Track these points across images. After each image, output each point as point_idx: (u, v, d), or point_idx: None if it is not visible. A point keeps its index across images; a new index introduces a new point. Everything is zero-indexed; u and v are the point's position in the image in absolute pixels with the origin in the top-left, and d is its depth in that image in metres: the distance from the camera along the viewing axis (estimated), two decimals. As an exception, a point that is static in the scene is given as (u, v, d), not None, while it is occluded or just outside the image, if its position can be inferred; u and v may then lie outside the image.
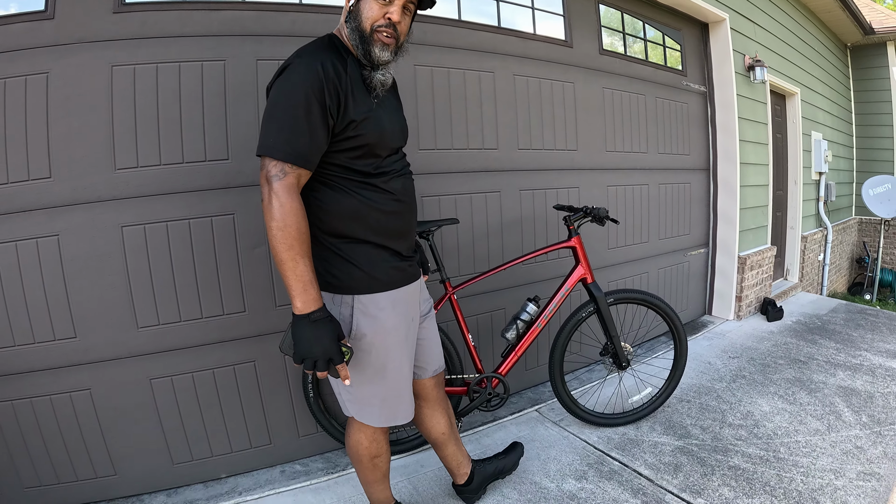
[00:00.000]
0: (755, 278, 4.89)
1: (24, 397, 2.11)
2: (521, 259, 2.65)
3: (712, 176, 4.69)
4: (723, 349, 4.05)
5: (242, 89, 2.31)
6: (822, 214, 6.78)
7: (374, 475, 1.88)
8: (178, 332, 2.28)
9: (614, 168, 3.80)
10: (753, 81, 4.76)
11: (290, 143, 1.40)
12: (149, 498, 2.32)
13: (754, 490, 2.27)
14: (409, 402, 1.78)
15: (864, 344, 4.08)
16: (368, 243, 1.60)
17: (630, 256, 4.01)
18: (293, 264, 1.40)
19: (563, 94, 3.41)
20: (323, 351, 1.43)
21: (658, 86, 4.11)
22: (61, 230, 2.08)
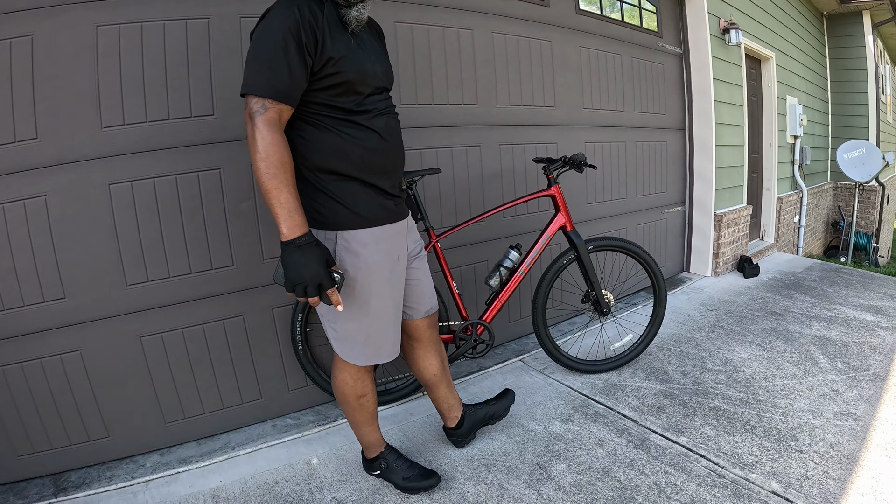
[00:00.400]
0: (731, 236, 5.00)
1: (14, 362, 2.10)
2: (502, 207, 2.69)
3: (688, 135, 4.76)
4: (701, 302, 4.16)
5: (227, 45, 2.30)
6: (798, 177, 6.90)
7: (361, 415, 1.94)
8: (166, 289, 2.29)
9: (592, 125, 3.85)
10: (728, 44, 4.82)
11: (270, 80, 1.44)
12: (142, 458, 2.33)
13: (735, 428, 2.36)
14: (394, 342, 1.82)
15: (839, 299, 4.19)
16: (352, 180, 1.63)
17: (608, 212, 4.08)
18: (276, 192, 1.45)
19: (540, 53, 3.44)
20: (311, 275, 1.47)
21: (634, 46, 4.16)
22: (48, 191, 2.06)
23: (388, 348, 1.81)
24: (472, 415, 2.27)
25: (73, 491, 2.11)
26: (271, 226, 2.45)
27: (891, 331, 3.43)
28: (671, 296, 4.33)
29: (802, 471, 2.05)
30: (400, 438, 2.39)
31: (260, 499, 2.03)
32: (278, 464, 2.25)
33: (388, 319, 1.77)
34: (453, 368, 2.96)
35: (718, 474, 2.05)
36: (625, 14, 4.14)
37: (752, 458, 2.14)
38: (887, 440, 2.23)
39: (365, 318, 1.72)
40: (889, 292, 4.33)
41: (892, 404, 2.51)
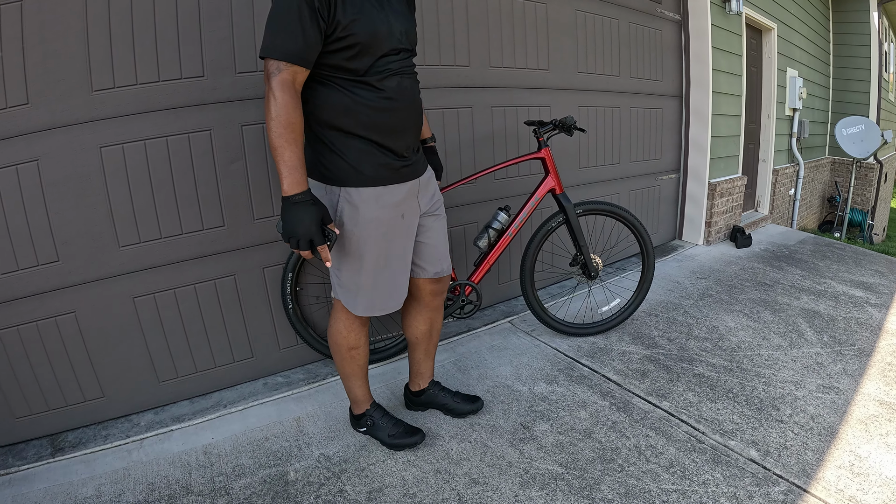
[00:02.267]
0: (725, 206, 5.02)
1: (9, 326, 2.12)
2: (492, 168, 2.71)
3: (685, 103, 4.74)
4: (691, 270, 4.19)
5: (216, 6, 2.27)
6: (795, 150, 6.88)
7: (350, 368, 1.99)
8: (159, 250, 2.31)
9: (586, 89, 3.83)
10: (729, 13, 4.75)
11: (285, 43, 1.50)
12: (137, 417, 2.38)
13: (717, 396, 2.41)
14: (390, 297, 1.88)
15: (830, 273, 4.21)
16: (358, 138, 1.69)
17: (601, 177, 4.09)
18: (281, 150, 1.52)
19: (535, 14, 3.40)
20: (304, 231, 1.56)
21: (632, 11, 4.11)
22: (41, 155, 2.06)
23: (384, 303, 1.87)
24: (435, 394, 2.31)
25: (70, 450, 2.16)
26: (261, 186, 2.47)
27: (879, 308, 3.45)
28: (662, 263, 4.37)
29: (782, 440, 2.10)
30: (387, 396, 2.45)
31: (250, 455, 2.09)
32: (268, 420, 2.30)
33: (385, 276, 1.83)
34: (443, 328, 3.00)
35: (698, 440, 2.11)
36: (623, -21, 4.08)
37: (733, 426, 2.19)
38: (868, 415, 2.27)
39: (360, 271, 1.79)
40: (880, 270, 4.34)
41: (876, 380, 2.54)
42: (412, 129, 1.82)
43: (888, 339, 2.97)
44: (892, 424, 2.20)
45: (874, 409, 2.31)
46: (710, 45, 4.51)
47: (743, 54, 5.14)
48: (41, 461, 2.11)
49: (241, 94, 2.36)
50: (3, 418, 2.18)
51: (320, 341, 2.64)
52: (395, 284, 1.87)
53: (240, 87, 2.35)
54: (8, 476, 2.03)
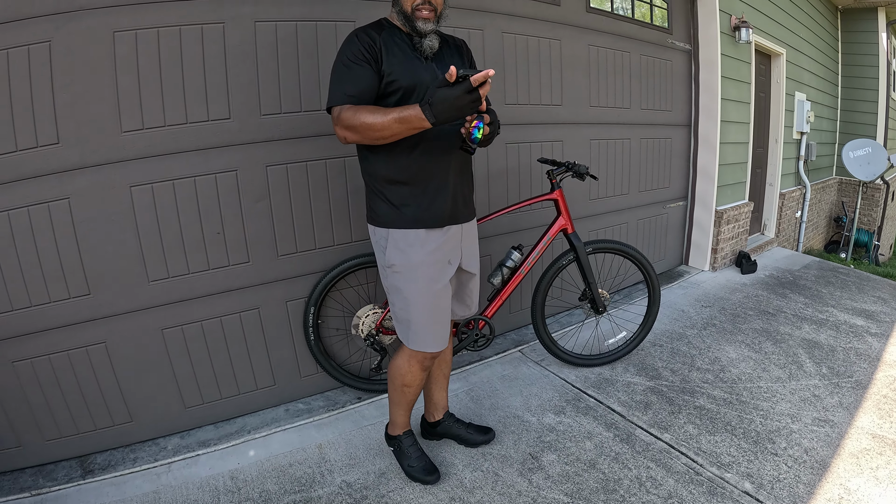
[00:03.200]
0: (731, 232, 5.10)
1: (42, 354, 2.23)
2: (506, 210, 2.82)
3: (693, 132, 4.82)
4: (696, 298, 4.28)
5: (242, 49, 2.38)
6: (802, 173, 6.95)
7: (398, 398, 2.16)
8: (187, 284, 2.43)
9: (597, 123, 3.92)
10: (738, 42, 4.83)
11: (339, 91, 1.78)
12: (164, 441, 2.49)
13: (716, 428, 2.50)
14: (437, 336, 2.00)
15: (833, 300, 4.27)
16: (402, 184, 1.87)
17: (611, 207, 4.18)
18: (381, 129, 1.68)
19: (549, 51, 3.50)
20: (453, 103, 1.55)
21: (643, 43, 4.20)
22: (72, 193, 2.17)
23: (432, 341, 1.99)
24: (450, 426, 2.43)
25: (100, 472, 2.28)
26: (285, 224, 2.59)
27: (879, 337, 3.52)
28: (668, 290, 4.45)
29: (775, 473, 2.19)
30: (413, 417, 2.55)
31: (275, 480, 2.21)
32: (291, 447, 2.42)
33: (429, 315, 1.96)
34: (455, 358, 3.09)
35: (696, 472, 2.20)
36: (635, 11, 4.18)
37: (730, 458, 2.28)
38: (860, 448, 2.35)
39: (407, 309, 1.95)
40: (883, 296, 4.41)
41: (870, 413, 2.62)
42: (456, 175, 1.97)
43: (885, 371, 3.05)
44: (882, 458, 2.29)
45: (867, 442, 2.40)
46: (720, 74, 4.59)
47: (752, 82, 5.22)
48: (72, 482, 2.22)
49: (266, 136, 2.48)
50: (34, 440, 2.30)
51: (340, 370, 2.77)
52: (439, 325, 2.00)
53: (265, 128, 2.47)
54: (40, 496, 2.15)
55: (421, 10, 1.82)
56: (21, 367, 2.21)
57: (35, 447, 2.31)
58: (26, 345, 2.20)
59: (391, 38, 1.85)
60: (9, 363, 2.18)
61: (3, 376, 2.19)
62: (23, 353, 2.20)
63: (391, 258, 1.91)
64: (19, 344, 2.19)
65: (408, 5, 1.83)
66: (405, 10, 1.84)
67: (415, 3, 1.82)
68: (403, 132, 1.67)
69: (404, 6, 1.84)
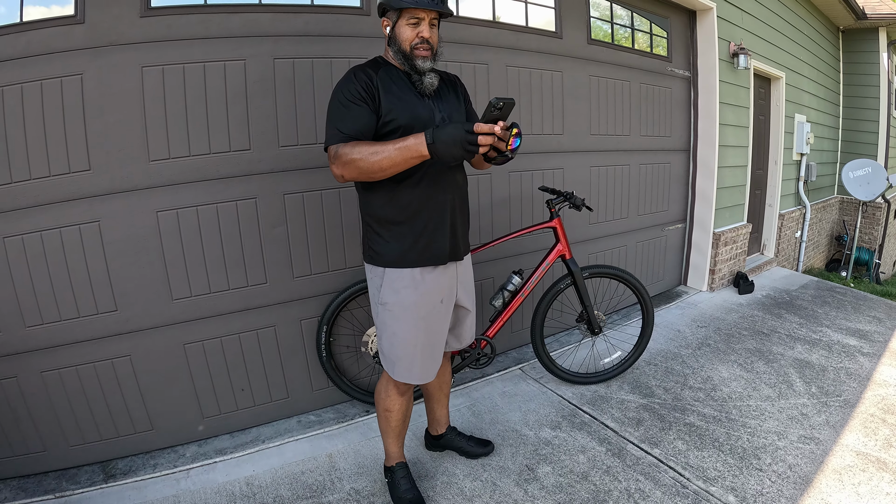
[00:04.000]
0: (729, 253, 5.23)
1: (70, 366, 2.39)
2: (507, 237, 2.99)
3: (692, 156, 4.97)
4: (693, 318, 4.40)
5: (262, 85, 2.57)
6: (802, 193, 7.07)
7: (383, 425, 2.22)
8: (208, 303, 2.60)
9: (597, 150, 4.08)
10: (737, 68, 4.98)
11: (337, 130, 1.80)
12: (182, 449, 2.65)
13: (704, 444, 2.63)
14: (425, 369, 2.05)
15: (827, 320, 4.38)
16: (399, 223, 1.92)
17: (610, 231, 4.33)
18: (378, 161, 1.70)
19: (551, 83, 3.67)
20: (462, 137, 1.61)
21: (643, 72, 4.37)
22: (102, 216, 2.35)
23: (419, 374, 2.04)
24: (452, 439, 2.57)
25: (122, 477, 2.43)
26: (301, 248, 2.77)
27: (870, 357, 3.62)
28: (666, 310, 4.59)
29: (759, 488, 2.32)
30: (409, 437, 2.69)
31: (288, 487, 2.36)
32: (303, 456, 2.58)
33: (414, 352, 2.01)
34: (458, 375, 3.26)
35: (682, 485, 2.34)
36: (636, 40, 4.35)
37: (715, 473, 2.42)
38: (843, 465, 2.46)
39: (392, 343, 2.01)
40: (878, 316, 4.51)
41: (856, 431, 2.73)
42: (456, 213, 2.02)
43: (874, 390, 3.15)
44: (865, 474, 2.40)
45: (850, 459, 2.51)
46: (718, 100, 4.75)
47: (751, 106, 5.37)
48: (94, 486, 2.38)
49: (284, 166, 2.66)
50: (58, 445, 2.46)
51: (349, 385, 2.93)
52: (429, 358, 2.05)
53: (283, 159, 2.66)
54: (63, 499, 2.30)
55: (419, 49, 1.87)
56: (49, 376, 2.37)
57: (59, 452, 2.46)
58: (55, 356, 2.37)
59: (388, 76, 1.89)
60: (37, 373, 2.35)
61: (32, 385, 2.36)
62: (51, 364, 2.37)
63: (385, 297, 1.96)
64: (48, 355, 2.36)
65: (406, 45, 1.88)
66: (403, 49, 1.88)
67: (413, 43, 1.87)
68: (401, 162, 1.69)
69: (402, 45, 1.88)
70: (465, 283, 2.16)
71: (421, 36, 1.86)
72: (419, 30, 1.86)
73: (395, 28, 1.89)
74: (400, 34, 1.88)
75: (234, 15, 2.51)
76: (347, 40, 2.75)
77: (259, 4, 2.58)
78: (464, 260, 2.14)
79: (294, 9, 2.65)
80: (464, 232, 2.11)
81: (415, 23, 1.86)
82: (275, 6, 2.61)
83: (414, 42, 1.87)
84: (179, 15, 2.40)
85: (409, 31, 1.86)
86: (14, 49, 2.14)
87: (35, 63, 2.17)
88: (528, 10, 3.55)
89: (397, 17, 1.88)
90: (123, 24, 2.29)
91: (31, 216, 2.25)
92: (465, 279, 2.16)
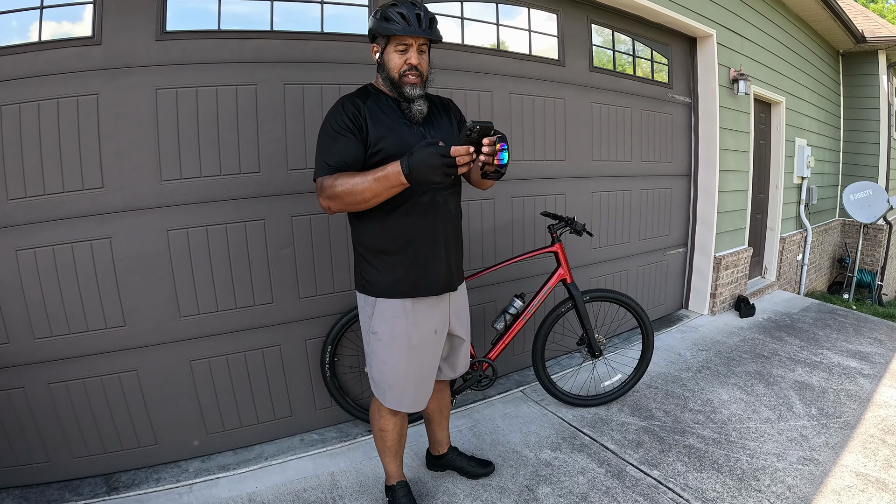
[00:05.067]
0: (730, 277, 5.26)
1: (77, 378, 2.44)
2: (509, 261, 3.04)
3: (693, 181, 5.03)
4: (694, 342, 4.43)
5: (272, 110, 2.65)
6: (803, 217, 7.12)
7: (379, 445, 2.25)
8: (215, 320, 2.65)
9: (599, 175, 4.14)
10: (737, 93, 5.07)
11: (324, 162, 1.82)
12: (186, 464, 2.68)
13: (703, 466, 2.65)
14: (416, 398, 2.07)
15: (828, 343, 4.40)
16: (391, 253, 1.92)
17: (611, 255, 4.37)
18: (360, 192, 1.71)
19: (554, 110, 3.75)
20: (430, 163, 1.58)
21: (645, 98, 4.45)
22: (113, 233, 2.41)
23: (409, 402, 2.06)
24: (453, 459, 2.60)
25: (124, 490, 2.46)
26: (307, 269, 2.83)
27: (871, 378, 3.64)
28: (667, 334, 4.62)
29: (756, 509, 2.34)
30: (411, 457, 2.73)
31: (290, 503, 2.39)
32: (306, 473, 2.61)
33: (404, 381, 2.02)
34: (460, 397, 3.26)
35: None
36: (637, 67, 4.44)
37: (714, 494, 2.44)
38: (842, 486, 2.48)
39: (382, 372, 2.03)
40: (879, 337, 4.53)
41: (856, 452, 2.75)
42: (448, 243, 2.01)
43: (875, 411, 3.17)
44: (864, 494, 2.42)
45: (849, 480, 2.53)
46: (718, 125, 4.82)
47: (751, 131, 5.45)
48: (97, 498, 2.41)
49: (292, 189, 2.73)
50: (62, 456, 2.50)
51: (352, 405, 2.96)
52: (420, 387, 2.07)
53: (291, 182, 2.72)
54: (66, 510, 2.33)
55: (408, 76, 1.86)
56: (56, 388, 2.42)
57: (63, 463, 2.50)
58: (63, 368, 2.42)
59: (377, 104, 1.89)
60: (45, 384, 2.40)
61: (39, 396, 2.40)
62: (59, 376, 2.42)
63: (376, 326, 1.97)
64: (56, 367, 2.41)
65: (395, 72, 1.87)
66: (392, 76, 1.88)
67: (402, 70, 1.86)
68: (383, 192, 1.68)
69: (391, 73, 1.88)
70: (458, 313, 2.16)
71: (409, 63, 1.86)
72: (407, 56, 1.86)
73: (383, 54, 1.90)
74: (388, 61, 1.89)
75: (247, 41, 2.59)
76: (355, 67, 2.83)
77: (271, 31, 2.67)
78: (458, 289, 2.12)
79: (304, 36, 2.74)
80: (458, 262, 2.09)
81: (403, 49, 1.86)
82: (286, 33, 2.70)
83: (402, 69, 1.87)
84: (194, 39, 2.49)
85: (398, 57, 1.87)
86: (33, 67, 2.22)
87: (53, 81, 2.25)
88: (532, 38, 3.64)
89: (386, 44, 1.88)
90: (139, 47, 2.37)
91: (44, 230, 2.31)
92: (458, 308, 2.16)
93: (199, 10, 2.55)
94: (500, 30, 3.49)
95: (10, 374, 2.35)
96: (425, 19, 1.85)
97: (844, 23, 7.02)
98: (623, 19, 4.25)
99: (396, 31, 1.82)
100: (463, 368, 2.30)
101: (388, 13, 1.84)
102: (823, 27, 7.20)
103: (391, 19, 1.83)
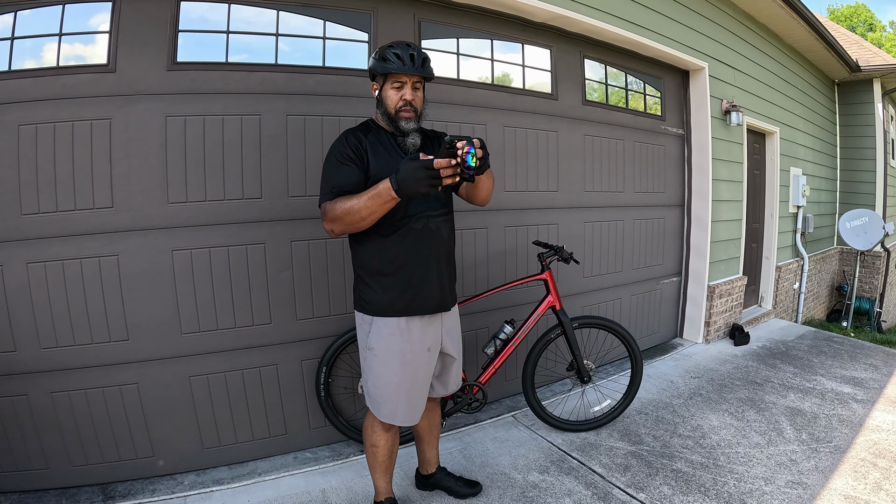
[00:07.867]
0: (724, 306, 5.31)
1: (79, 389, 2.54)
2: (500, 288, 3.13)
3: (686, 211, 5.10)
4: (686, 369, 4.46)
5: (275, 139, 2.79)
6: (799, 245, 7.17)
7: (371, 460, 2.33)
8: (215, 338, 2.75)
9: (592, 206, 4.23)
10: (730, 125, 5.17)
11: (328, 188, 1.96)
12: (181, 476, 2.75)
13: (690, 489, 2.69)
14: (409, 412, 2.16)
15: (822, 369, 4.44)
16: (388, 275, 2.06)
17: (605, 284, 4.44)
18: (358, 210, 1.82)
19: (547, 142, 3.86)
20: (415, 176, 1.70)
21: (638, 131, 4.56)
22: (120, 251, 2.53)
23: (402, 416, 2.15)
24: (441, 479, 2.66)
25: (120, 500, 2.53)
26: (304, 292, 2.93)
27: (864, 403, 3.67)
28: (660, 362, 4.65)
29: (741, 531, 2.38)
30: (401, 476, 2.78)
31: (281, 520, 2.46)
32: (298, 490, 2.67)
33: (402, 394, 2.13)
34: (451, 420, 3.34)
35: (665, 529, 2.41)
36: (630, 100, 4.56)
37: (700, 518, 2.48)
38: (830, 509, 2.51)
39: (377, 386, 2.14)
40: (874, 363, 4.55)
41: (846, 475, 2.78)
42: (442, 265, 2.14)
43: (867, 435, 3.20)
44: (852, 516, 2.44)
45: (838, 502, 2.55)
46: (711, 156, 4.92)
47: (744, 161, 5.55)
48: (93, 506, 2.47)
49: (292, 215, 2.85)
50: (61, 464, 2.58)
51: (346, 425, 3.03)
52: (413, 402, 2.17)
53: (291, 208, 2.84)
54: (62, 518, 2.40)
55: (403, 111, 2.03)
56: (59, 397, 2.52)
57: (61, 470, 2.58)
58: (66, 378, 2.52)
59: (377, 139, 2.06)
60: (48, 393, 2.50)
61: (41, 404, 2.50)
62: (62, 386, 2.52)
63: (372, 342, 2.09)
64: (60, 377, 2.51)
65: (392, 107, 2.04)
66: (389, 111, 2.05)
67: (398, 106, 2.03)
68: (377, 208, 1.80)
69: (388, 108, 2.04)
70: (450, 332, 2.28)
71: (404, 98, 2.03)
72: (402, 93, 2.03)
73: (381, 92, 2.07)
74: (386, 97, 2.06)
75: (252, 73, 2.74)
76: (354, 100, 2.97)
77: (275, 64, 2.81)
78: (450, 310, 2.25)
79: (307, 69, 2.89)
80: (450, 283, 2.22)
81: (398, 86, 2.03)
82: (290, 66, 2.85)
83: (398, 105, 2.03)
84: (203, 70, 2.65)
85: (394, 94, 2.04)
86: (51, 90, 2.39)
87: (69, 105, 2.41)
88: (526, 72, 3.78)
89: (383, 82, 2.05)
90: (151, 76, 2.53)
91: (54, 245, 2.44)
92: (451, 328, 2.28)
93: (207, 42, 2.70)
94: (495, 65, 3.63)
95: (15, 382, 2.45)
96: (418, 59, 2.02)
97: (838, 52, 7.15)
98: (616, 54, 4.38)
99: (392, 69, 1.99)
100: (454, 387, 2.39)
101: (385, 54, 2.01)
102: (817, 57, 7.34)
103: (388, 59, 2.00)
